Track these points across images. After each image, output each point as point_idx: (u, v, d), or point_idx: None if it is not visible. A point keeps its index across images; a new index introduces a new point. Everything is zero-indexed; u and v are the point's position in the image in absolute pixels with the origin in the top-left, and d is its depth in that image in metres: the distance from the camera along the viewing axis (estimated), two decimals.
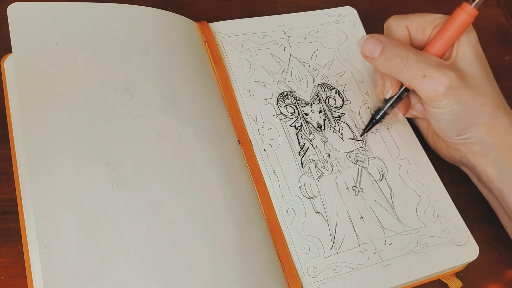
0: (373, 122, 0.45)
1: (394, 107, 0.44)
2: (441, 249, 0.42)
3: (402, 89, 0.43)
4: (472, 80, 0.40)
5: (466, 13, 0.40)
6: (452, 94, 0.39)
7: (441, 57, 0.41)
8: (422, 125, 0.48)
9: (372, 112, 0.46)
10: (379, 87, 0.44)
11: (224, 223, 0.38)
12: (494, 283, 0.42)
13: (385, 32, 0.44)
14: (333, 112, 0.47)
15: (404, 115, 0.45)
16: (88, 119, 0.38)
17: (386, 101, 0.44)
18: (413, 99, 0.45)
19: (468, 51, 0.41)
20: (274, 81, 0.48)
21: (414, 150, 0.47)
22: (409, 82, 0.40)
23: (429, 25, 0.42)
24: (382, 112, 0.45)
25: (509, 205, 0.41)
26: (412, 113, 0.46)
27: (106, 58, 0.41)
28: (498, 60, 0.58)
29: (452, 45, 0.41)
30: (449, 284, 0.42)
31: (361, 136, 0.46)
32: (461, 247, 0.42)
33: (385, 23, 0.44)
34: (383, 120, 0.45)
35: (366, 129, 0.46)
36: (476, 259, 0.42)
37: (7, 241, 0.38)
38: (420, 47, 0.42)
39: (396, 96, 0.43)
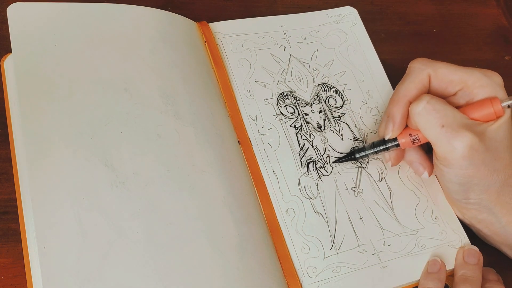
0: (350, 158, 0.44)
1: (377, 154, 0.43)
2: (439, 251, 0.42)
3: (393, 143, 0.42)
4: (493, 143, 0.38)
5: (492, 109, 0.38)
6: (470, 156, 0.37)
7: None
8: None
9: (355, 147, 0.44)
10: (382, 126, 0.42)
11: (224, 223, 0.38)
12: None
13: (406, 72, 0.42)
14: (333, 112, 0.47)
15: (392, 166, 0.44)
16: (88, 119, 0.38)
17: (373, 144, 0.43)
18: (410, 156, 0.43)
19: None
20: (274, 81, 0.48)
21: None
22: (427, 131, 0.39)
23: (457, 83, 0.40)
24: (363, 154, 0.43)
25: None
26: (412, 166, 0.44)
27: (106, 58, 0.41)
28: (498, 60, 0.58)
29: None
30: (449, 285, 0.42)
31: (333, 162, 0.44)
32: (457, 250, 0.42)
33: (410, 64, 0.42)
34: (360, 160, 0.44)
35: (340, 160, 0.44)
36: None
37: (7, 241, 0.38)
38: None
39: (383, 147, 0.42)
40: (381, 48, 0.52)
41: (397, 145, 0.42)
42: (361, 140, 0.46)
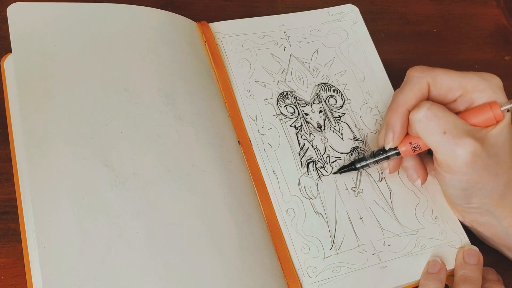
0: (351, 168, 0.43)
1: (378, 163, 0.43)
2: (439, 251, 0.42)
3: (394, 152, 0.41)
4: (494, 149, 0.38)
5: (492, 114, 0.38)
6: (473, 162, 0.37)
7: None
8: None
9: (355, 157, 0.44)
10: (382, 135, 0.42)
11: (224, 223, 0.38)
12: None
13: (404, 79, 0.42)
14: (333, 112, 0.47)
15: (390, 173, 0.43)
16: (88, 119, 0.38)
17: (373, 153, 0.43)
18: (406, 162, 0.43)
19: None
20: (274, 81, 0.48)
21: None
22: (428, 138, 0.38)
23: (456, 89, 0.40)
24: (364, 163, 0.43)
25: None
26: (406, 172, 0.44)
27: (106, 58, 0.41)
28: (498, 60, 0.58)
29: None
30: (449, 285, 0.42)
31: (333, 173, 0.44)
32: (457, 250, 0.42)
33: (408, 71, 0.42)
34: (361, 170, 0.44)
35: (341, 171, 0.44)
36: None
37: (7, 241, 0.38)
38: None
39: (383, 156, 0.42)
40: (381, 48, 0.52)
41: (398, 154, 0.41)
42: (361, 140, 0.46)
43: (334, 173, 0.44)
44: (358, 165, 0.43)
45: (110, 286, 0.33)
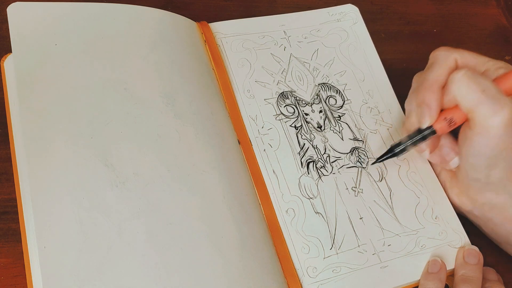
0: (390, 155, 0.43)
1: (416, 145, 0.42)
2: (439, 251, 0.42)
3: (430, 130, 0.40)
4: None
5: None
6: (509, 125, 0.36)
7: None
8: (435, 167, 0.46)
9: (392, 144, 0.43)
10: (413, 117, 0.41)
11: (224, 223, 0.38)
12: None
13: (430, 61, 0.42)
14: (333, 112, 0.47)
15: (429, 153, 0.42)
16: (88, 119, 0.38)
17: (409, 136, 0.42)
18: (443, 140, 0.43)
19: None
20: (274, 81, 0.48)
21: (414, 151, 0.47)
22: (468, 97, 0.38)
23: (480, 66, 0.41)
24: (402, 147, 0.42)
25: None
26: (432, 158, 0.44)
27: (106, 58, 0.41)
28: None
29: None
30: (449, 284, 0.42)
31: (372, 164, 0.44)
32: (457, 250, 0.42)
33: (432, 53, 0.42)
34: (400, 155, 0.43)
35: (380, 160, 0.44)
36: None
37: (7, 241, 0.38)
38: None
39: (420, 136, 0.41)
40: (381, 48, 0.52)
41: (434, 132, 0.40)
42: (361, 140, 0.46)
43: (373, 164, 0.44)
44: (396, 150, 0.43)
45: (110, 286, 0.33)
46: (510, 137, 0.37)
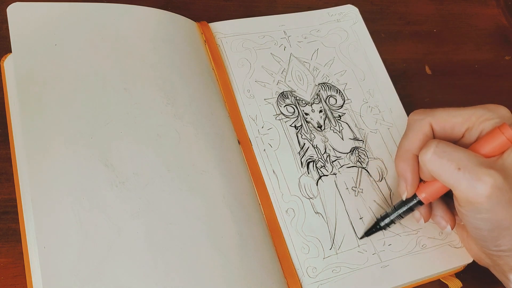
0: (376, 228, 0.41)
1: (403, 217, 0.40)
2: (439, 250, 0.42)
3: (415, 201, 0.39)
4: None
5: (504, 136, 0.34)
6: (496, 196, 0.33)
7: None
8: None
9: (378, 216, 0.42)
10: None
11: (224, 223, 0.38)
12: (494, 283, 0.42)
13: (407, 127, 0.39)
14: (333, 112, 0.47)
15: (425, 222, 0.40)
16: (88, 119, 0.38)
17: (395, 207, 0.40)
18: (436, 210, 0.40)
19: None
20: (274, 81, 0.48)
21: None
22: (443, 177, 0.35)
23: (461, 124, 0.37)
24: (389, 220, 0.40)
25: None
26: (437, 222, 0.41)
27: (105, 58, 0.41)
28: (498, 60, 0.58)
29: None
30: (449, 284, 0.42)
31: (360, 238, 0.41)
32: (458, 250, 0.42)
33: (408, 117, 0.39)
34: (388, 228, 0.42)
35: (367, 234, 0.41)
36: None
37: (7, 241, 0.38)
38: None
39: (406, 207, 0.39)
40: (381, 48, 0.52)
41: (420, 203, 0.39)
42: (361, 140, 0.46)
43: (361, 238, 0.41)
44: (382, 224, 0.41)
45: (110, 286, 0.33)
46: (504, 205, 0.34)
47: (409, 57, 0.56)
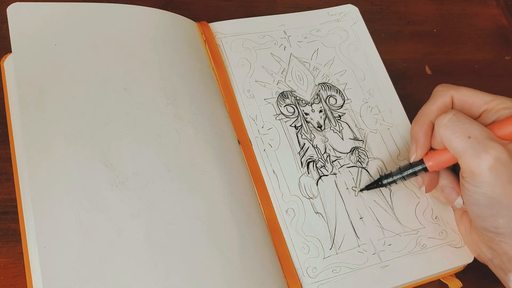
0: (378, 184, 0.43)
1: (406, 179, 0.42)
2: (439, 250, 0.42)
3: (420, 167, 0.40)
4: None
5: None
6: (497, 170, 0.34)
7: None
8: (456, 212, 0.44)
9: (383, 174, 0.43)
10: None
11: (224, 223, 0.38)
12: (494, 283, 0.42)
13: (431, 96, 0.41)
14: (333, 112, 0.47)
15: (426, 192, 0.41)
16: (88, 119, 0.38)
17: (400, 169, 0.41)
18: (442, 180, 0.41)
19: None
20: (274, 81, 0.48)
21: None
22: (453, 142, 0.36)
23: (481, 105, 0.39)
24: (391, 179, 0.42)
25: None
26: (439, 197, 0.42)
27: (105, 58, 0.41)
28: (498, 60, 0.58)
29: None
30: (449, 284, 0.42)
31: (360, 191, 0.43)
32: (458, 250, 0.42)
33: (434, 89, 0.41)
34: (389, 186, 0.43)
35: (368, 188, 0.43)
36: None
37: (7, 241, 0.38)
38: None
39: (410, 171, 0.40)
40: (381, 48, 0.52)
41: (426, 170, 0.40)
42: (361, 140, 0.46)
43: (360, 191, 0.43)
44: (384, 181, 0.42)
45: (110, 286, 0.33)
46: (505, 182, 0.34)
47: (409, 57, 0.56)
